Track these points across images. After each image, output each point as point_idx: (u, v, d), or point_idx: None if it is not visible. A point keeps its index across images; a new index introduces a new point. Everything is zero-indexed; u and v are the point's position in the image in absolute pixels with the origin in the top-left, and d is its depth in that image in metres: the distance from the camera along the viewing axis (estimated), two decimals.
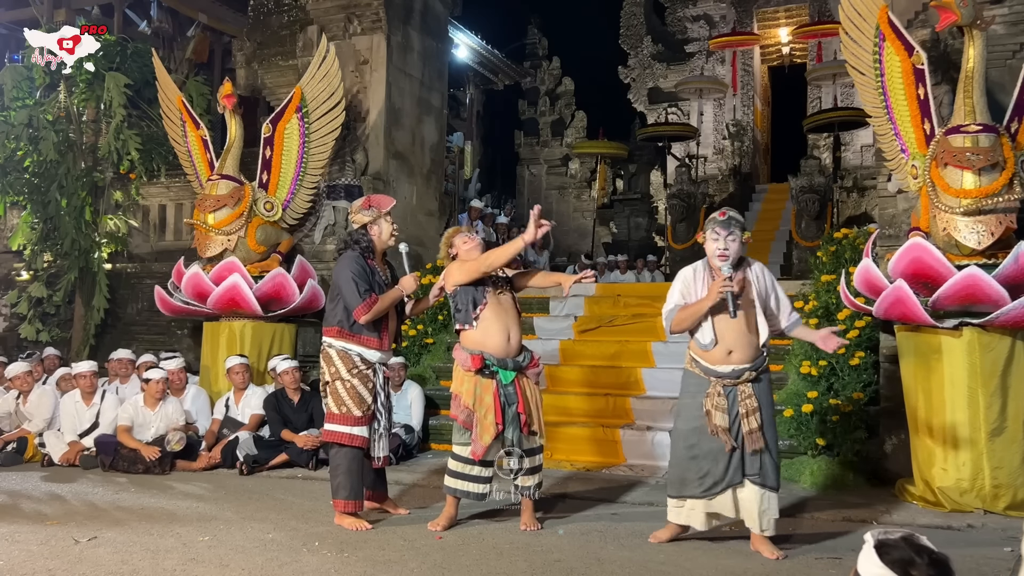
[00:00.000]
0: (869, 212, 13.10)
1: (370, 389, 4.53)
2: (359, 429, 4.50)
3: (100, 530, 4.38)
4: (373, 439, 4.57)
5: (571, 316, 8.01)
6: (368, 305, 4.40)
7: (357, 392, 4.50)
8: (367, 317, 4.41)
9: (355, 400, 4.50)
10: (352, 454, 4.51)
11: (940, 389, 5.04)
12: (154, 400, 6.49)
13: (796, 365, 6.28)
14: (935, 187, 5.08)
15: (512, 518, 4.60)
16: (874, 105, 5.70)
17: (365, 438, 4.52)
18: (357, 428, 4.50)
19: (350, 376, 4.50)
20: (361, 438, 4.51)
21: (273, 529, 4.44)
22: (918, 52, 5.35)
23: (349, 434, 4.50)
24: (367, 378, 4.53)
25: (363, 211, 4.60)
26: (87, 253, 9.20)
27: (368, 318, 4.42)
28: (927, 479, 5.07)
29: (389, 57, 8.59)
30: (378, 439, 4.59)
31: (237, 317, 7.38)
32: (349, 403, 4.50)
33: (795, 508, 4.94)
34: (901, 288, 5.05)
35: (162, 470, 6.14)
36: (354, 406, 4.49)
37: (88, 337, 9.14)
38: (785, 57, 16.86)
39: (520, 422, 4.36)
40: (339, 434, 4.51)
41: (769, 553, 3.95)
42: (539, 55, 18.81)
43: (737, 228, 4.01)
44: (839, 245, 7.02)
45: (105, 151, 9.19)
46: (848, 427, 5.67)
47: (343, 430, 4.50)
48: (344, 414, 4.50)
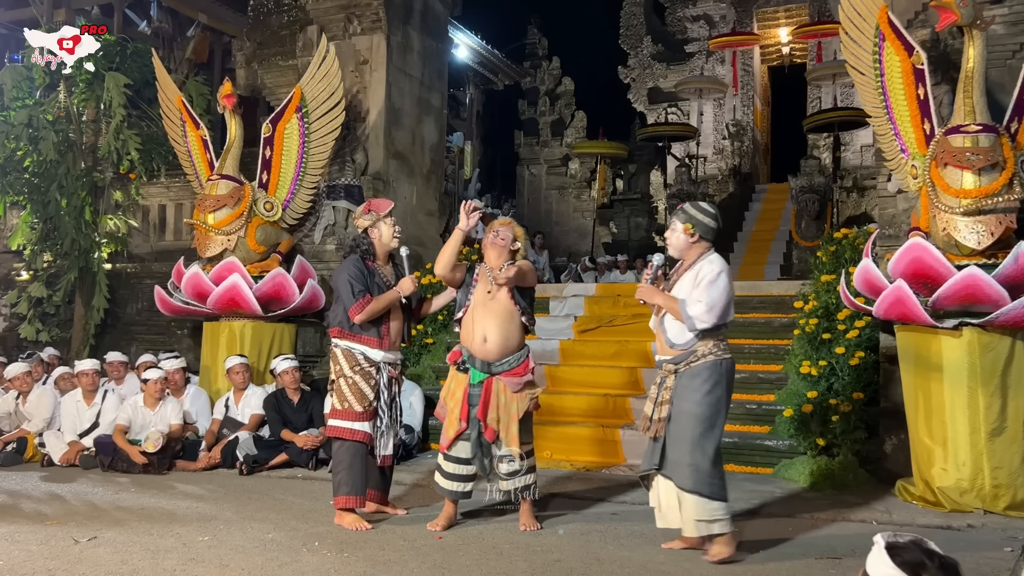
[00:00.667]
0: (869, 212, 13.10)
1: (372, 386, 4.59)
2: (360, 424, 4.56)
3: (100, 530, 4.38)
4: (376, 436, 4.61)
5: (571, 316, 8.02)
6: (361, 305, 4.52)
7: (359, 388, 4.57)
8: (361, 317, 4.52)
9: (357, 396, 4.56)
10: (354, 449, 4.56)
11: (940, 389, 5.04)
12: (153, 400, 6.49)
13: (796, 365, 6.28)
14: (935, 187, 5.08)
15: (512, 518, 4.60)
16: (874, 105, 5.70)
17: (367, 433, 4.57)
18: (358, 423, 4.56)
19: (352, 373, 4.58)
20: (363, 433, 4.56)
21: (273, 529, 4.44)
22: (918, 52, 5.35)
23: (351, 429, 4.56)
24: (369, 375, 4.60)
25: (363, 216, 4.76)
26: (87, 253, 9.21)
27: (362, 318, 4.53)
28: (927, 479, 5.07)
29: (389, 57, 8.59)
30: (381, 436, 4.64)
31: (237, 317, 7.38)
32: (351, 399, 4.56)
33: (794, 508, 4.93)
34: (901, 288, 5.05)
35: (161, 470, 6.14)
36: (355, 402, 4.56)
37: (88, 337, 9.14)
38: (785, 57, 16.87)
39: (481, 426, 4.40)
40: (341, 429, 4.58)
41: (713, 555, 3.87)
42: (539, 55, 18.81)
43: (679, 220, 4.04)
44: (839, 245, 7.02)
45: (105, 151, 9.20)
46: (848, 427, 5.67)
47: (345, 425, 4.57)
48: (346, 409, 4.57)
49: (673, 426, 3.94)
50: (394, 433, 4.74)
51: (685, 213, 4.04)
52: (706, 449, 3.87)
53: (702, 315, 3.87)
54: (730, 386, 4.00)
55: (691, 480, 3.85)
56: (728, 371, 3.97)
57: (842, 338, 6.17)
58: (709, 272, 3.92)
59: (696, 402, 3.89)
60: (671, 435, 3.94)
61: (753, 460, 5.96)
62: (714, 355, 3.93)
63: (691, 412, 3.89)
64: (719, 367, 3.93)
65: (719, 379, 3.92)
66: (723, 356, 3.96)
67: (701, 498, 3.84)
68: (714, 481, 3.87)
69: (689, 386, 3.92)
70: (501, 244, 4.54)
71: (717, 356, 3.93)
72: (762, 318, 7.30)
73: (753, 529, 4.47)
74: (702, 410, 3.89)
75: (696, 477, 3.85)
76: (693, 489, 3.85)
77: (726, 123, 16.14)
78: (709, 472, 3.86)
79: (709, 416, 3.88)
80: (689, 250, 4.04)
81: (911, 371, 5.24)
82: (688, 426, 3.89)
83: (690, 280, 3.97)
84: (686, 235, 4.01)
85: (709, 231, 4.03)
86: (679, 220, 4.03)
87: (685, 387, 3.93)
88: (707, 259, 3.99)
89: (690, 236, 4.00)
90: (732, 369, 4.01)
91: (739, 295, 7.65)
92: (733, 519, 3.99)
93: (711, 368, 3.92)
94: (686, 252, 4.05)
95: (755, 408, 6.32)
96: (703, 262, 3.98)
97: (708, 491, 3.85)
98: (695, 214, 4.02)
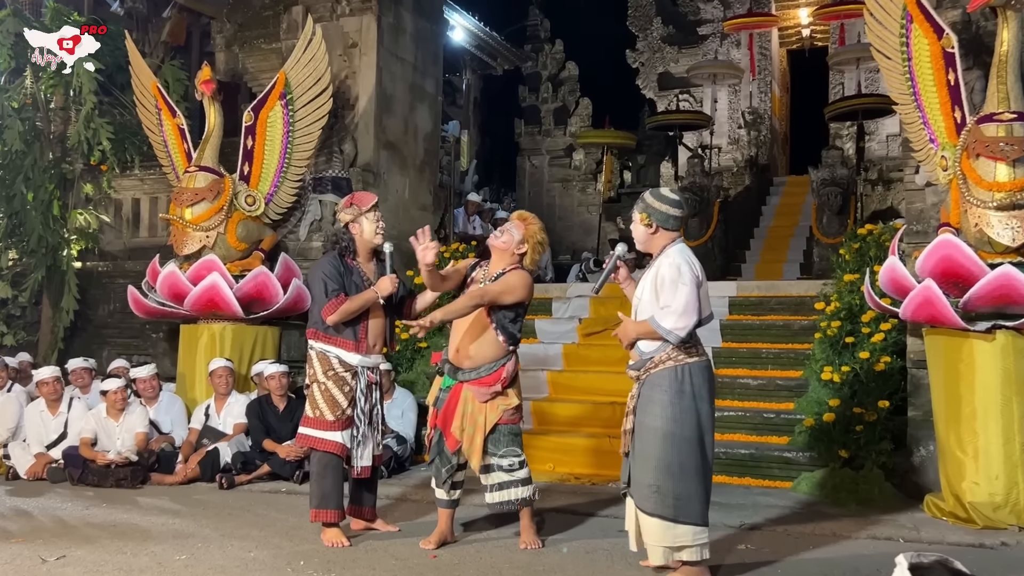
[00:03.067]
0: (895, 206, 13.07)
1: (346, 393, 4.60)
2: (331, 434, 4.58)
3: (69, 548, 4.38)
4: (352, 446, 4.62)
5: (575, 318, 8.02)
6: (335, 305, 4.52)
7: (331, 395, 4.59)
8: (334, 318, 4.53)
9: (329, 404, 4.58)
10: (326, 460, 4.59)
11: (971, 396, 5.04)
12: (116, 411, 6.49)
13: (816, 371, 6.28)
14: (966, 180, 5.07)
15: (513, 534, 4.61)
16: (901, 92, 5.70)
17: (339, 443, 4.58)
18: (330, 433, 4.58)
19: (325, 379, 4.60)
20: (333, 443, 4.58)
21: (255, 547, 4.44)
22: (948, 34, 5.35)
23: (321, 439, 4.59)
24: (343, 381, 4.60)
25: (345, 210, 4.76)
26: (55, 250, 9.19)
27: (336, 319, 4.53)
28: (957, 493, 5.06)
29: (380, 40, 8.58)
30: (358, 446, 4.63)
31: (216, 319, 7.37)
32: (323, 407, 4.59)
33: (815, 524, 4.93)
34: (930, 288, 5.05)
35: (135, 484, 6.13)
36: (327, 410, 4.58)
37: (56, 340, 9.13)
38: (805, 40, 16.84)
39: (440, 432, 4.48)
40: (311, 438, 4.62)
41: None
42: (541, 38, 18.78)
43: (636, 210, 3.94)
44: (863, 242, 7.02)
45: (74, 141, 9.18)
46: (873, 438, 5.67)
47: (316, 435, 4.60)
48: (317, 418, 4.60)
49: (636, 441, 3.84)
50: (375, 443, 4.75)
51: (643, 202, 3.92)
52: (672, 468, 3.70)
53: (678, 323, 3.70)
54: (701, 392, 3.78)
55: (651, 501, 3.73)
56: (694, 376, 3.77)
57: (866, 342, 6.17)
58: (668, 271, 3.76)
59: (656, 415, 3.76)
60: (635, 451, 3.84)
61: (771, 473, 5.96)
62: (673, 360, 3.77)
63: (651, 427, 3.76)
64: (679, 374, 3.76)
65: (681, 388, 3.75)
66: (686, 361, 3.78)
67: (664, 522, 3.71)
68: (681, 503, 3.70)
69: (649, 398, 3.80)
70: (502, 247, 4.47)
71: (677, 362, 3.77)
72: (780, 320, 7.30)
73: (771, 546, 4.47)
74: (663, 424, 3.74)
75: (658, 499, 3.71)
76: (653, 512, 3.73)
77: (742, 111, 16.14)
78: (675, 493, 3.70)
79: (672, 432, 3.72)
80: (650, 242, 3.91)
81: (940, 377, 5.24)
82: (650, 442, 3.76)
83: (650, 283, 3.85)
84: (643, 226, 3.89)
85: (669, 220, 3.86)
86: (636, 210, 3.93)
87: (646, 398, 3.82)
88: (665, 254, 3.83)
89: (647, 227, 3.88)
90: (702, 372, 3.81)
91: (756, 296, 7.78)
92: (750, 535, 3.96)
93: (669, 377, 3.77)
94: (648, 245, 3.92)
95: (773, 417, 6.32)
96: (661, 258, 3.84)
97: (672, 514, 3.70)
98: (652, 202, 3.89)
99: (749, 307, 7.66)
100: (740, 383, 6.72)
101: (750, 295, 7.79)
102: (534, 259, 4.50)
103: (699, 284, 3.78)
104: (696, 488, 3.75)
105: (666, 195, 3.92)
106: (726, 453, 6.06)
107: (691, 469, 3.74)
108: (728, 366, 6.94)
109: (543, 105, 18.04)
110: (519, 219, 4.53)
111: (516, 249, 4.45)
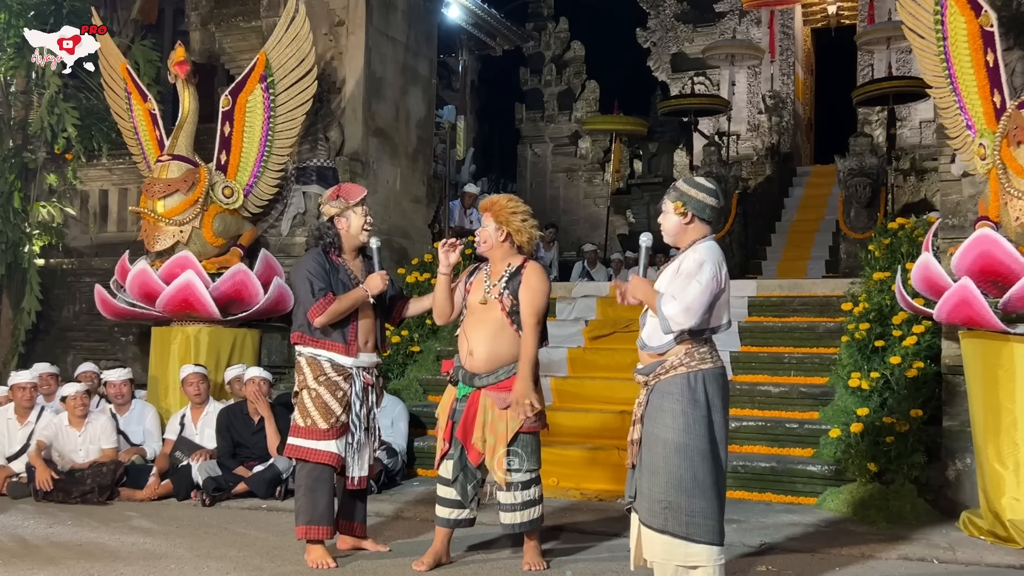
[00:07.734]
0: (929, 199, 13.09)
1: (340, 399, 4.59)
2: (325, 444, 4.56)
3: (32, 570, 4.38)
4: (348, 454, 4.61)
5: (581, 320, 8.02)
6: (323, 305, 4.51)
7: (324, 402, 4.57)
8: (322, 319, 4.52)
9: (321, 411, 4.56)
10: (317, 472, 4.57)
11: (1012, 405, 5.04)
12: (78, 419, 6.49)
13: (844, 377, 6.29)
14: (1006, 169, 5.07)
15: (514, 554, 4.61)
16: (935, 74, 5.70)
17: (333, 454, 4.57)
18: (323, 443, 4.56)
19: (317, 384, 4.58)
20: (328, 454, 4.56)
21: (233, 569, 4.44)
22: (987, 12, 5.35)
23: (314, 449, 4.56)
24: (336, 386, 4.59)
25: (331, 202, 4.74)
26: (16, 246, 9.20)
27: (323, 320, 4.52)
28: (996, 510, 5.06)
29: (368, 17, 8.59)
30: (354, 455, 4.63)
31: (191, 321, 7.38)
32: (315, 415, 4.57)
33: (842, 543, 4.94)
34: (966, 288, 5.05)
35: (102, 499, 6.13)
36: (320, 418, 4.56)
37: (17, 344, 9.14)
38: (831, 17, 16.85)
39: (462, 445, 4.42)
40: (302, 449, 4.59)
41: None
42: (544, 15, 18.80)
43: (668, 198, 3.91)
44: (894, 237, 7.03)
45: (37, 127, 9.18)
46: (904, 450, 5.67)
47: (307, 445, 4.58)
48: (309, 427, 4.58)
49: (645, 452, 3.82)
50: (371, 450, 4.76)
51: (676, 190, 3.90)
52: (684, 482, 3.69)
53: (676, 315, 3.69)
54: (715, 401, 3.77)
55: (661, 518, 3.71)
56: (708, 384, 3.76)
57: (898, 346, 6.17)
58: (689, 264, 3.75)
59: (667, 425, 3.74)
60: (643, 462, 3.83)
61: (794, 488, 5.96)
62: (686, 367, 3.76)
63: (661, 438, 3.75)
64: (692, 382, 3.75)
65: (695, 397, 3.73)
66: (699, 367, 3.77)
67: (675, 539, 3.69)
68: (696, 521, 3.68)
69: (659, 406, 3.78)
70: (487, 248, 4.48)
71: (690, 368, 3.76)
72: (804, 322, 7.30)
73: (794, 568, 4.48)
74: (675, 435, 3.72)
75: (668, 515, 3.70)
76: (663, 529, 3.72)
77: (762, 95, 16.14)
78: (688, 509, 3.68)
79: (685, 443, 3.70)
80: (683, 235, 3.87)
81: (978, 384, 5.24)
82: (660, 454, 3.75)
83: (671, 272, 3.86)
84: (677, 215, 3.85)
85: (705, 210, 3.83)
86: (669, 199, 3.90)
87: (655, 407, 3.80)
88: (693, 248, 3.83)
89: (682, 217, 3.84)
90: (716, 380, 3.80)
91: (777, 296, 7.78)
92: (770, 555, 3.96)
93: (681, 384, 3.75)
94: (680, 238, 3.89)
95: (796, 427, 6.32)
96: (688, 251, 3.83)
97: (685, 532, 3.68)
98: (687, 189, 3.87)
99: (770, 308, 7.65)
100: (760, 390, 6.72)
101: (771, 295, 7.79)
102: (529, 233, 4.48)
103: (716, 292, 3.74)
104: (711, 504, 3.74)
105: (702, 183, 3.91)
106: (745, 467, 6.07)
107: (706, 484, 3.73)
108: (747, 372, 6.94)
109: (546, 88, 18.05)
110: (483, 210, 4.55)
111: (499, 239, 4.46)
